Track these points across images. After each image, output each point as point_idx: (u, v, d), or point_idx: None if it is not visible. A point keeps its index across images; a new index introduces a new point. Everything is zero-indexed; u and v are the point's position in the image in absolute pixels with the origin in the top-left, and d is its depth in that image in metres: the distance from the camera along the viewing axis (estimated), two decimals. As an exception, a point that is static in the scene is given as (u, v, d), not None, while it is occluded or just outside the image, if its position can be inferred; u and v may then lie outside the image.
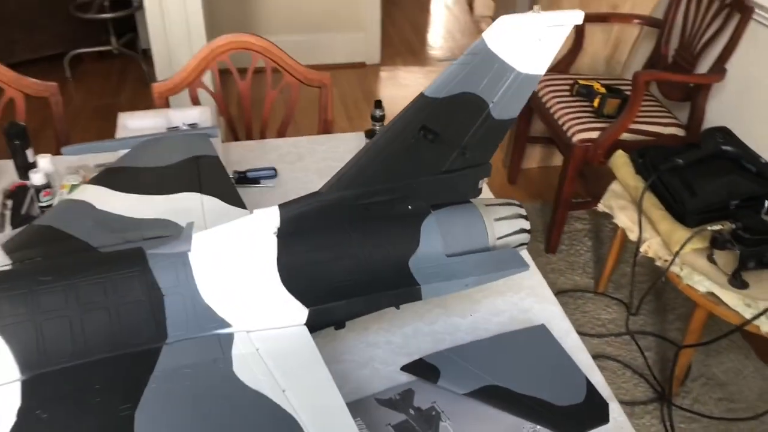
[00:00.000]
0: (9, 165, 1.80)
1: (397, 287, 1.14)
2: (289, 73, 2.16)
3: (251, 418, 0.93)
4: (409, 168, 1.17)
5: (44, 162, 1.66)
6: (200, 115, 1.87)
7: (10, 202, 1.70)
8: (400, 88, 4.74)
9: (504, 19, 1.06)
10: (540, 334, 1.32)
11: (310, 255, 1.10)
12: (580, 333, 2.39)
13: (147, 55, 3.31)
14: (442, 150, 1.17)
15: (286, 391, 0.96)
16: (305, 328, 1.08)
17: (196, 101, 2.16)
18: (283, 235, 1.10)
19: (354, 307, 1.13)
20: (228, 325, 1.05)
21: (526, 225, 1.27)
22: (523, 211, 1.28)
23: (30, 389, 0.93)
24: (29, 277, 0.99)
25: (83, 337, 0.98)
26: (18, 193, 1.72)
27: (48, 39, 4.61)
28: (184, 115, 1.87)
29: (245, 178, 1.79)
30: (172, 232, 1.19)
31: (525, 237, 1.27)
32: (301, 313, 1.08)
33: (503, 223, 1.25)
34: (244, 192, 1.75)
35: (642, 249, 2.35)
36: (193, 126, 1.81)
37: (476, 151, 1.20)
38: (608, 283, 2.89)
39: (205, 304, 1.04)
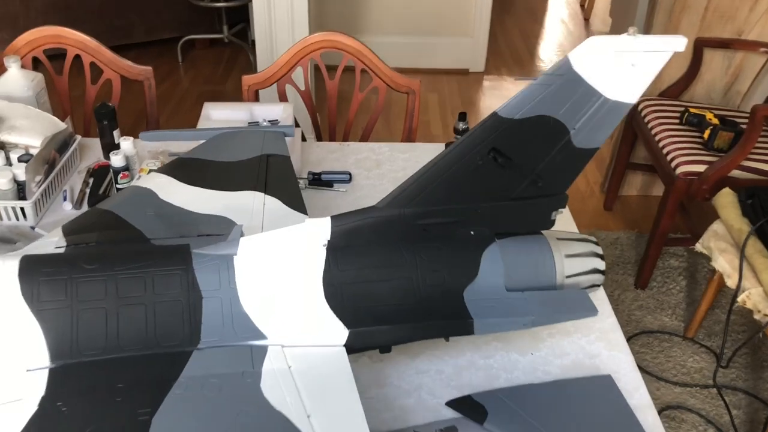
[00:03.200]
0: (97, 144, 1.85)
1: (448, 318, 1.06)
2: (377, 77, 2.12)
3: None
4: (475, 191, 1.09)
5: (126, 144, 1.69)
6: (282, 111, 1.85)
7: (91, 181, 1.74)
8: (502, 99, 4.59)
9: (594, 40, 0.96)
10: (605, 385, 1.20)
11: (359, 273, 1.04)
12: (661, 379, 2.22)
13: (255, 46, 3.36)
14: (512, 175, 1.08)
15: (312, 416, 0.90)
16: (343, 350, 1.02)
17: (283, 97, 2.15)
18: (332, 248, 1.04)
19: (398, 334, 1.06)
20: (263, 337, 1.00)
21: (601, 265, 1.16)
22: (599, 250, 1.17)
23: (56, 379, 0.92)
24: (73, 264, 0.98)
25: (117, 331, 0.96)
26: (99, 173, 1.76)
27: (164, 23, 4.79)
28: (266, 110, 1.85)
29: (319, 180, 1.76)
30: (227, 231, 1.16)
31: (598, 278, 1.16)
32: (341, 333, 1.03)
33: (575, 260, 1.14)
34: (316, 194, 1.73)
35: (740, 299, 2.14)
36: (273, 122, 1.79)
37: (551, 179, 1.10)
38: (699, 329, 2.67)
39: (244, 312, 1.00)
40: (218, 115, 1.83)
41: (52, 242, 1.11)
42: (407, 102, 2.14)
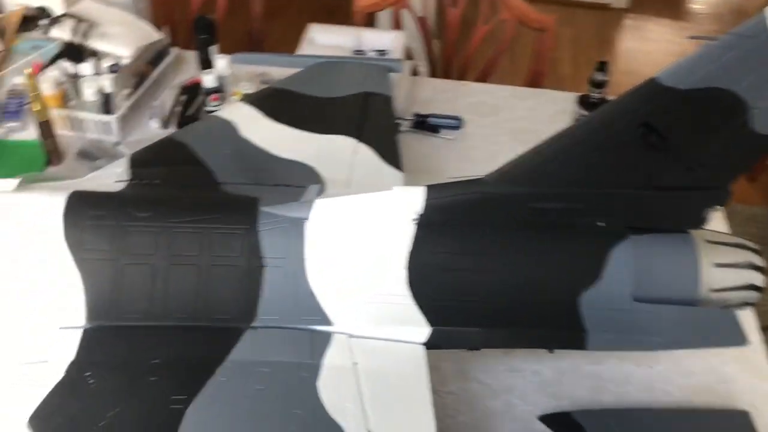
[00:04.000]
0: (194, 59, 1.72)
1: (556, 328, 0.87)
2: (507, 8, 1.85)
3: None
4: (611, 173, 0.86)
5: (221, 63, 1.54)
6: (393, 41, 1.65)
7: (183, 99, 1.62)
8: (645, 42, 4.14)
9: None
10: (740, 424, 0.97)
11: (453, 259, 0.85)
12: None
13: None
14: (663, 159, 0.84)
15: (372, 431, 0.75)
16: (422, 349, 0.85)
17: (398, 25, 1.93)
18: (424, 225, 0.86)
19: (491, 340, 0.88)
20: (328, 322, 0.84)
21: (759, 280, 0.92)
22: (759, 261, 0.92)
23: (89, 342, 0.80)
24: (125, 208, 0.85)
25: (164, 294, 0.83)
26: (192, 91, 1.63)
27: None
28: (376, 38, 1.66)
29: (424, 124, 1.55)
30: (308, 183, 1.00)
31: (753, 296, 0.92)
32: (422, 330, 0.85)
33: (727, 271, 0.90)
34: (419, 140, 1.53)
35: None
36: (381, 53, 1.59)
37: (713, 169, 0.85)
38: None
39: (309, 289, 0.84)
40: (323, 39, 1.65)
41: (116, 173, 0.99)
42: (537, 41, 1.87)
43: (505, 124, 1.60)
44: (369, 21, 1.94)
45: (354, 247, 0.85)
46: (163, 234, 0.84)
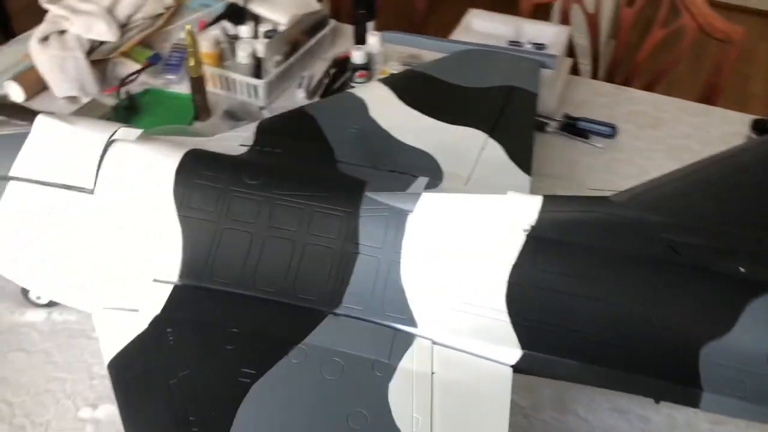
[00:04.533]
0: (350, 33, 1.72)
1: (667, 378, 0.76)
2: (689, 13, 1.67)
3: None
4: (766, 217, 0.73)
5: (372, 40, 1.53)
6: (555, 36, 1.54)
7: (333, 72, 1.62)
8: None
9: None
10: None
11: (562, 280, 0.77)
12: None
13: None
14: None
15: (437, 452, 0.70)
16: (509, 372, 0.78)
17: (566, 20, 1.81)
18: (536, 237, 0.78)
19: (587, 375, 0.79)
20: (413, 324, 0.79)
21: None
22: None
23: (177, 299, 0.81)
24: (235, 173, 0.85)
25: (256, 264, 0.82)
26: (342, 65, 1.63)
27: None
28: (537, 30, 1.56)
29: (572, 127, 1.44)
30: (425, 173, 0.95)
31: None
32: (513, 351, 0.78)
33: None
34: (564, 143, 1.43)
35: None
36: (539, 47, 1.49)
37: None
38: None
39: (400, 285, 0.80)
40: (480, 25, 1.58)
41: (242, 137, 1.00)
42: (719, 53, 1.68)
43: (664, 140, 1.45)
44: (534, 13, 1.84)
45: (455, 250, 0.79)
46: (266, 204, 0.83)
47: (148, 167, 0.85)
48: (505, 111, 1.13)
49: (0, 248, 0.87)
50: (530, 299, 0.77)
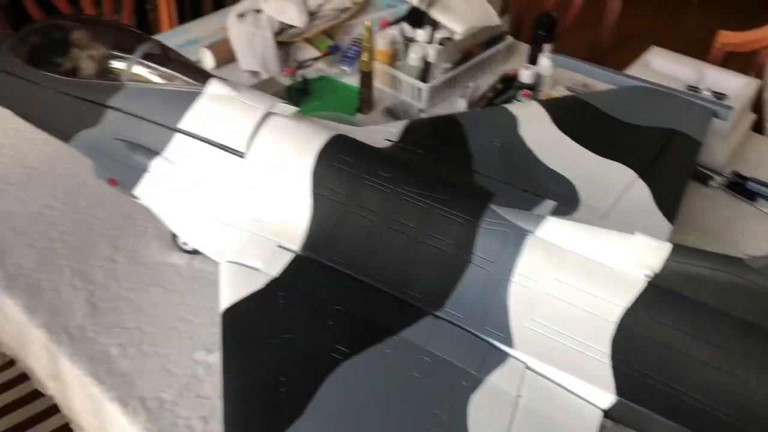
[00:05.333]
0: (525, 52, 1.71)
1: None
2: None
3: None
4: None
5: (544, 62, 1.51)
6: (741, 87, 1.44)
7: (499, 87, 1.63)
8: None
9: None
10: None
11: (676, 336, 0.73)
12: None
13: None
14: None
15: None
16: (599, 416, 0.75)
17: (759, 72, 1.68)
18: (656, 286, 0.75)
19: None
20: (510, 344, 0.79)
21: None
22: None
23: (294, 268, 0.86)
24: (372, 163, 0.89)
25: (372, 251, 0.85)
26: (509, 82, 1.63)
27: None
28: (720, 78, 1.46)
29: (740, 187, 1.34)
30: (563, 199, 0.94)
31: None
32: (607, 395, 0.75)
33: None
34: (727, 202, 1.33)
35: None
36: (718, 96, 1.40)
37: None
38: None
39: (505, 304, 0.80)
40: (660, 64, 1.51)
41: (389, 132, 1.04)
42: None
43: None
44: (726, 62, 1.73)
45: (569, 280, 0.78)
46: (392, 197, 0.86)
47: (295, 142, 0.91)
48: (662, 154, 1.08)
49: (159, 193, 0.97)
50: (637, 347, 0.74)
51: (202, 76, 0.96)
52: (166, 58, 0.99)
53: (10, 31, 1.37)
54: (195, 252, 1.14)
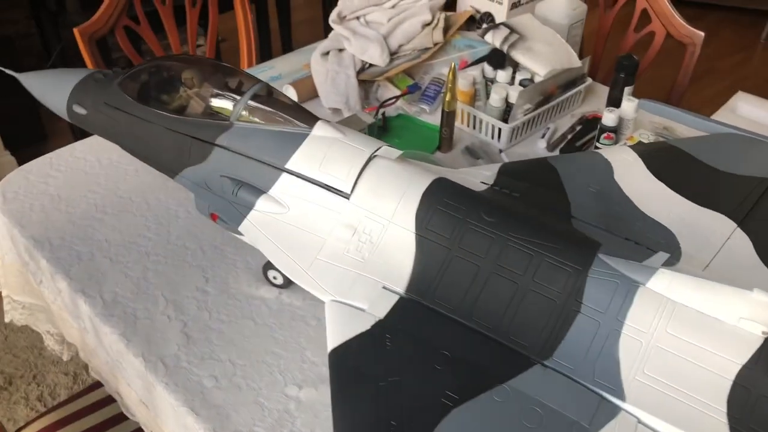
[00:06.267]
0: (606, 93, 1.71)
1: None
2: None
3: None
4: None
5: (627, 105, 1.51)
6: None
7: (578, 129, 1.63)
8: None
9: None
10: None
11: None
12: None
13: None
14: None
15: None
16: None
17: None
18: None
19: None
20: (622, 397, 0.78)
21: None
22: None
23: (400, 310, 0.87)
24: (475, 208, 0.90)
25: (477, 297, 0.85)
26: (590, 123, 1.63)
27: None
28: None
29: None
30: (662, 249, 0.93)
31: None
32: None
33: None
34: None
35: None
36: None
37: None
38: None
39: (616, 356, 0.79)
40: (746, 110, 1.50)
41: (484, 175, 1.05)
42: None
43: None
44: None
45: (682, 334, 0.77)
46: (498, 242, 0.86)
47: (399, 185, 0.92)
48: (760, 203, 1.06)
49: (264, 230, 0.99)
50: (755, 407, 0.72)
51: (309, 117, 0.99)
52: (272, 99, 1.02)
53: (106, 68, 1.43)
54: (283, 286, 1.16)
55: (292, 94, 1.64)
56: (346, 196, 0.93)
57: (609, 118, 1.50)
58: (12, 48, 2.85)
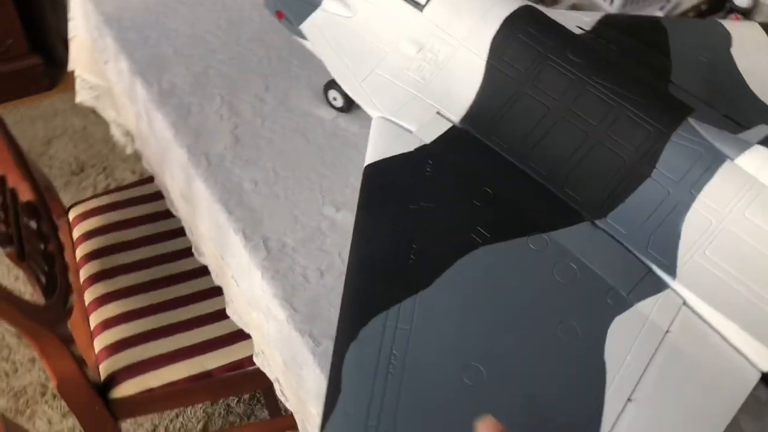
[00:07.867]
0: None
1: None
2: None
3: (562, 372, 0.63)
4: None
5: None
6: None
7: (704, 8, 1.44)
8: None
9: None
10: None
11: None
12: None
13: None
14: None
15: (634, 402, 0.62)
16: (756, 377, 0.65)
17: None
18: None
19: None
20: (673, 274, 0.69)
21: None
22: None
23: (448, 137, 0.79)
24: (560, 45, 0.79)
25: (539, 139, 0.76)
26: (717, 3, 1.43)
27: None
28: None
29: None
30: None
31: None
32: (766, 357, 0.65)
33: None
34: None
35: None
36: None
37: None
38: None
39: (678, 230, 0.70)
40: None
41: (582, 20, 0.92)
42: None
43: None
44: None
45: (761, 221, 0.66)
46: (577, 85, 0.76)
47: (481, 3, 0.82)
48: None
49: (326, 33, 0.91)
50: None
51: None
52: None
53: None
54: (342, 109, 1.10)
55: None
56: (420, 7, 0.84)
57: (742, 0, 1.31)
58: None
